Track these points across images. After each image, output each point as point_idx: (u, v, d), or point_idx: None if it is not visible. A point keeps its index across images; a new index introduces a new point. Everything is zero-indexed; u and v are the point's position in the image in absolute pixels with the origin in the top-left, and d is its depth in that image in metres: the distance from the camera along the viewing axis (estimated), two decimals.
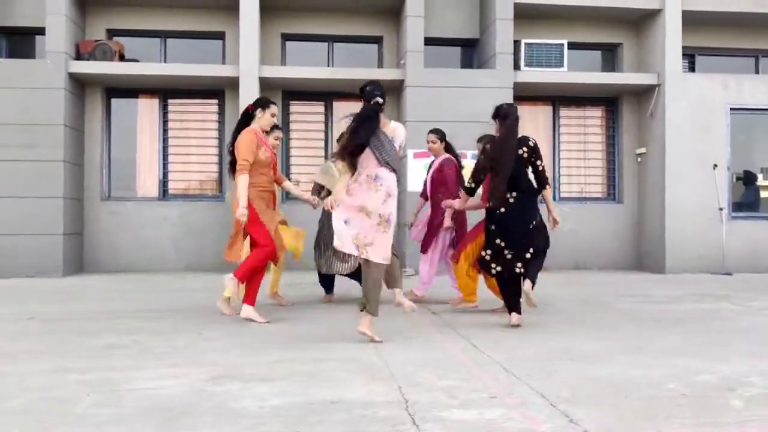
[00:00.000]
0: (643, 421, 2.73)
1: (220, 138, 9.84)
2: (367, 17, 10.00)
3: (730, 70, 10.25)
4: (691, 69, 10.57)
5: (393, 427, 2.63)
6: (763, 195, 10.20)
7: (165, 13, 9.68)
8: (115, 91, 9.78)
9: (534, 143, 5.01)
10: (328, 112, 10.09)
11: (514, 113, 4.98)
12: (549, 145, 10.30)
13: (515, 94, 9.22)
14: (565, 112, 10.51)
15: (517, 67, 9.48)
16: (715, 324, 5.21)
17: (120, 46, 9.28)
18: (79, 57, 9.10)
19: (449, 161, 6.25)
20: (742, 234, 9.66)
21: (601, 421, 2.71)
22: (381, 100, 4.46)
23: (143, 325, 5.02)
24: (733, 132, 9.77)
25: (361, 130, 4.33)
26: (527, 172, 5.03)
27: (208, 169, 9.99)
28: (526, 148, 4.94)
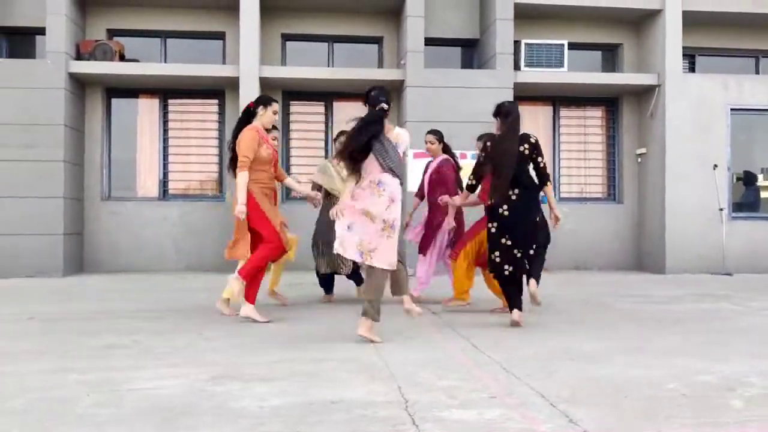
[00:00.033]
0: (643, 421, 2.73)
1: (220, 138, 9.84)
2: (368, 17, 10.00)
3: (731, 70, 10.25)
4: (692, 69, 10.56)
5: (393, 427, 2.63)
6: (764, 195, 10.20)
7: (165, 13, 9.68)
8: (116, 91, 9.78)
9: (535, 140, 5.03)
10: (329, 113, 10.09)
11: (516, 111, 5.01)
12: (549, 145, 10.29)
13: (515, 95, 9.20)
14: (565, 113, 10.51)
15: (517, 67, 9.48)
16: (715, 324, 5.21)
17: (120, 46, 9.28)
18: (80, 57, 9.10)
19: (447, 162, 6.25)
20: (742, 234, 9.66)
21: (601, 421, 2.71)
22: (386, 105, 4.43)
23: (143, 325, 5.02)
24: (733, 132, 9.76)
25: (361, 134, 4.29)
26: (529, 169, 5.04)
27: (209, 169, 9.99)
28: (527, 145, 4.96)
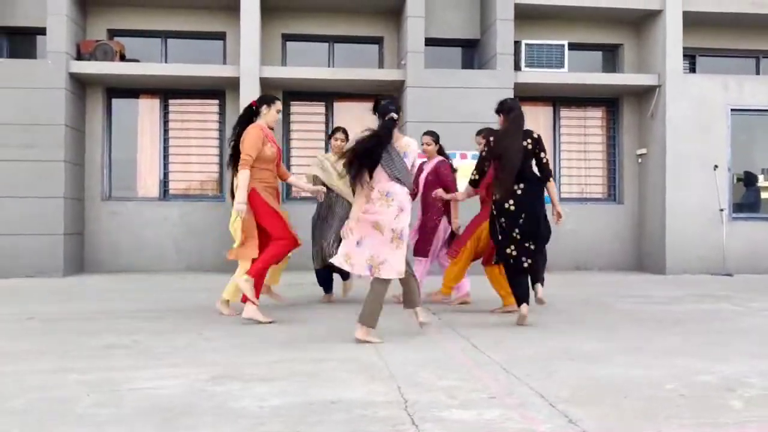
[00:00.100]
0: (642, 421, 2.73)
1: (220, 138, 9.84)
2: (368, 18, 10.00)
3: (731, 70, 10.24)
4: (692, 70, 10.56)
5: (393, 427, 2.63)
6: (764, 196, 10.19)
7: (166, 13, 9.68)
8: (116, 91, 9.78)
9: (538, 136, 5.10)
10: (329, 113, 10.09)
11: (518, 107, 5.09)
12: (549, 145, 10.26)
13: (516, 95, 9.17)
14: (565, 113, 10.51)
15: (517, 67, 9.48)
16: (715, 324, 5.21)
17: (121, 47, 9.28)
18: (80, 57, 9.10)
19: (444, 163, 6.27)
20: (743, 235, 9.65)
21: (600, 421, 2.71)
22: (395, 115, 4.42)
23: (143, 325, 5.02)
24: (733, 133, 9.76)
25: (361, 159, 4.27)
26: (532, 164, 5.09)
27: (209, 169, 9.98)
28: (530, 140, 5.03)
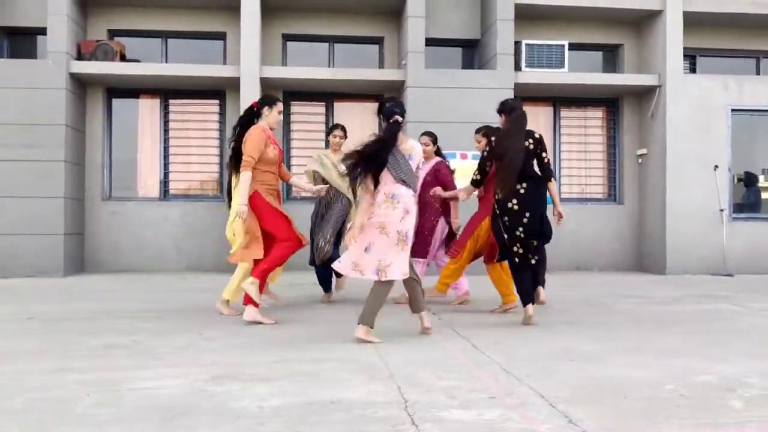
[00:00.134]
0: (642, 421, 2.73)
1: (221, 138, 9.84)
2: (368, 18, 10.00)
3: (731, 71, 10.24)
4: (692, 70, 10.56)
5: (392, 427, 2.63)
6: (764, 196, 10.18)
7: (166, 13, 9.68)
8: (116, 91, 9.78)
9: (539, 135, 5.13)
10: (329, 113, 10.09)
11: (520, 107, 5.12)
12: (550, 146, 10.24)
13: (516, 95, 9.17)
14: (565, 113, 10.50)
15: (518, 67, 9.48)
16: (715, 325, 5.21)
17: (121, 47, 9.28)
18: (81, 57, 9.10)
19: (442, 163, 6.28)
20: (743, 235, 9.65)
21: (600, 422, 2.71)
22: (400, 118, 4.40)
23: (143, 325, 5.02)
24: (733, 133, 9.76)
25: (376, 161, 4.26)
26: (533, 164, 5.12)
27: (209, 169, 9.98)
28: (531, 140, 5.07)
